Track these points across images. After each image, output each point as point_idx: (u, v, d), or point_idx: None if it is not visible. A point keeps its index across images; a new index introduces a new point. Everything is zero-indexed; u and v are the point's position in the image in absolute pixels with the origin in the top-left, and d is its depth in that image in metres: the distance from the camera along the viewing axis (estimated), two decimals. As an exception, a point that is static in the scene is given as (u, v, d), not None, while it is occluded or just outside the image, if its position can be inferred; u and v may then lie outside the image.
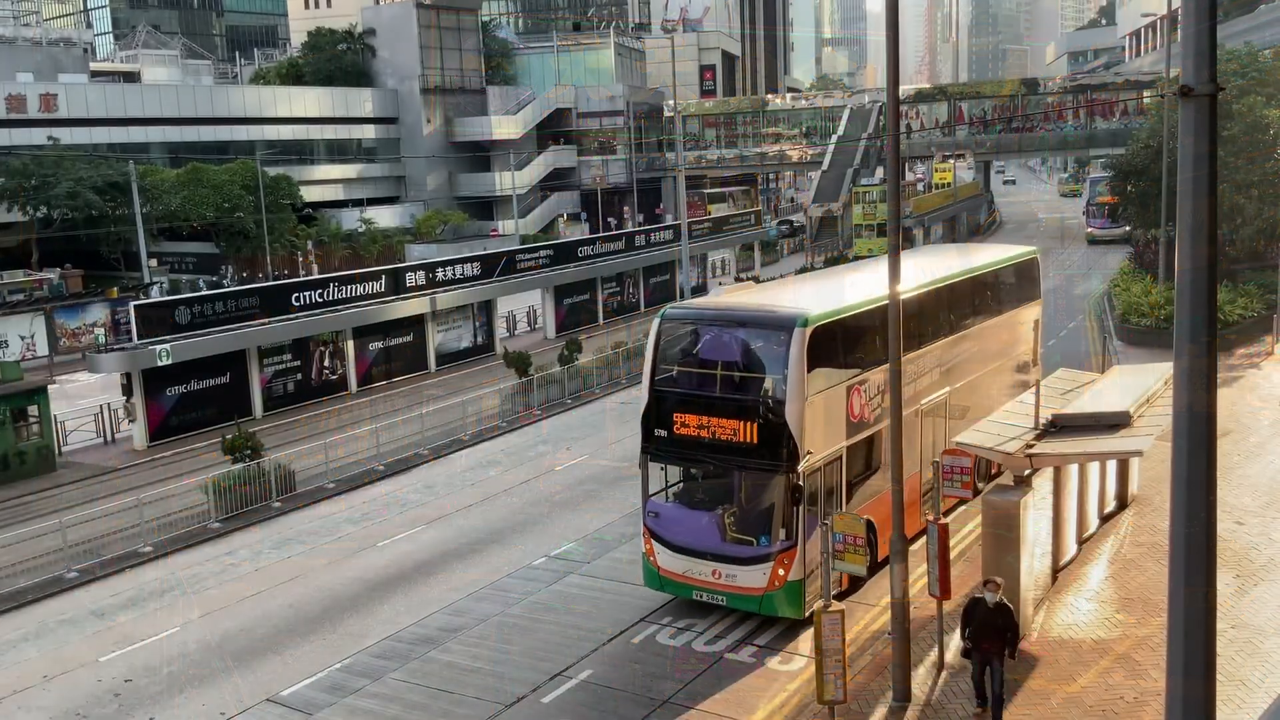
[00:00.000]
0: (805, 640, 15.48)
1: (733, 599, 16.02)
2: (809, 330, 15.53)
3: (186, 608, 18.97)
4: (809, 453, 15.33)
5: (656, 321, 16.95)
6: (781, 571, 15.45)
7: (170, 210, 58.16)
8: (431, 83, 78.80)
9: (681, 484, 17.36)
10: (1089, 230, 68.49)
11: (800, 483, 15.26)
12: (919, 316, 18.70)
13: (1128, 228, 58.68)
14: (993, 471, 20.46)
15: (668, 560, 16.48)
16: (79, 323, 46.04)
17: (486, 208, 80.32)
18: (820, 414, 15.79)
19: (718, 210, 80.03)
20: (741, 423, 15.61)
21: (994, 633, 12.91)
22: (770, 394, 15.61)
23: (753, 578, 15.67)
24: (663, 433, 16.34)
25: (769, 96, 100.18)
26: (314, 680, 15.71)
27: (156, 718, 15.08)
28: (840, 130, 79.59)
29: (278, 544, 22.06)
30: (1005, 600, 13.15)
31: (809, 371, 15.48)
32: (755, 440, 15.51)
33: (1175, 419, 6.28)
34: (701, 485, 17.22)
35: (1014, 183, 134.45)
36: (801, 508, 15.33)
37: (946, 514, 16.98)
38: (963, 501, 19.65)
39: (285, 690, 15.57)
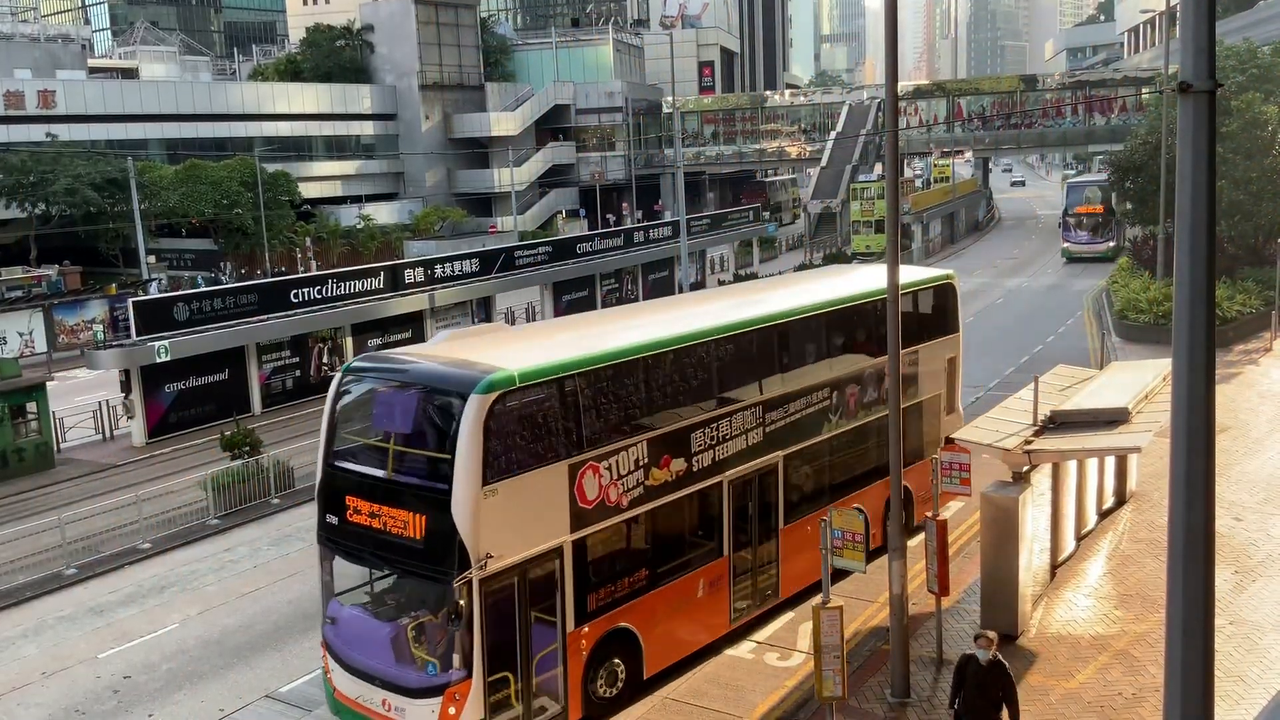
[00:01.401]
0: (804, 637, 15.50)
1: None
2: (493, 398, 12.24)
3: (185, 604, 18.97)
4: (489, 557, 12.05)
5: (338, 375, 14.11)
6: (452, 710, 12.14)
7: (169, 207, 58.11)
8: (430, 79, 78.72)
9: (370, 584, 14.01)
10: (1065, 245, 59.76)
11: (473, 597, 11.95)
12: (731, 360, 15.97)
13: (1112, 243, 56.39)
14: (916, 523, 18.34)
15: (342, 682, 13.31)
16: (77, 319, 45.98)
17: (485, 204, 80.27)
18: (516, 505, 12.49)
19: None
20: (409, 514, 12.51)
21: (989, 697, 11.31)
22: (437, 479, 12.35)
23: (420, 715, 12.44)
24: (333, 518, 13.29)
25: (768, 93, 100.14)
26: (313, 677, 15.70)
27: (155, 714, 15.09)
28: (839, 127, 79.57)
29: (276, 540, 22.06)
30: (1000, 658, 11.46)
31: (494, 450, 12.29)
32: (421, 537, 12.40)
33: (1174, 415, 6.28)
34: (393, 587, 13.86)
35: (1023, 184, 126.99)
36: (477, 629, 12.03)
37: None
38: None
39: (284, 687, 15.59)
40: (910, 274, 19.94)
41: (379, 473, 13.08)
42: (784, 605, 16.73)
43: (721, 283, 51.50)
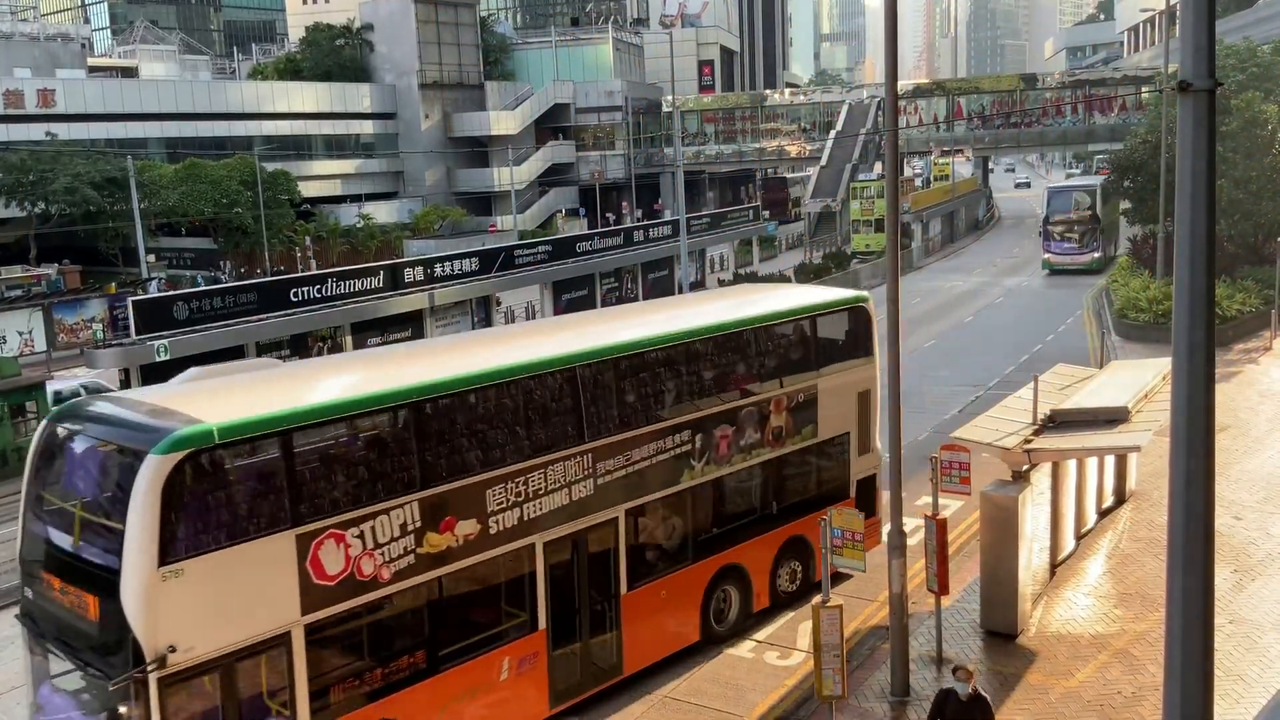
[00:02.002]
0: (804, 636, 15.50)
1: None
2: (177, 458, 10.23)
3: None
4: (171, 650, 10.02)
5: (44, 421, 12.24)
6: None
7: (168, 206, 58.08)
8: (430, 78, 78.69)
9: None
10: (1046, 256, 54.37)
11: (149, 700, 9.90)
12: (548, 401, 13.72)
13: (1097, 253, 52.22)
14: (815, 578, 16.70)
15: None
16: (77, 318, 45.97)
17: (485, 203, 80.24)
18: (218, 585, 10.49)
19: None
20: (86, 595, 10.60)
21: None
22: (110, 554, 10.36)
23: None
24: (29, 591, 11.53)
25: (767, 92, 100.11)
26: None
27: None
28: (838, 126, 79.57)
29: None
30: (981, 690, 11.10)
31: (181, 520, 10.33)
32: (96, 623, 10.49)
33: (1173, 414, 6.29)
34: None
35: (1028, 184, 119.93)
36: None
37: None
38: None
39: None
40: (814, 295, 18.70)
41: (66, 542, 11.06)
42: (632, 681, 14.78)
43: (722, 282, 51.49)
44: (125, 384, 30.37)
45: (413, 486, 12.13)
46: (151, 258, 54.97)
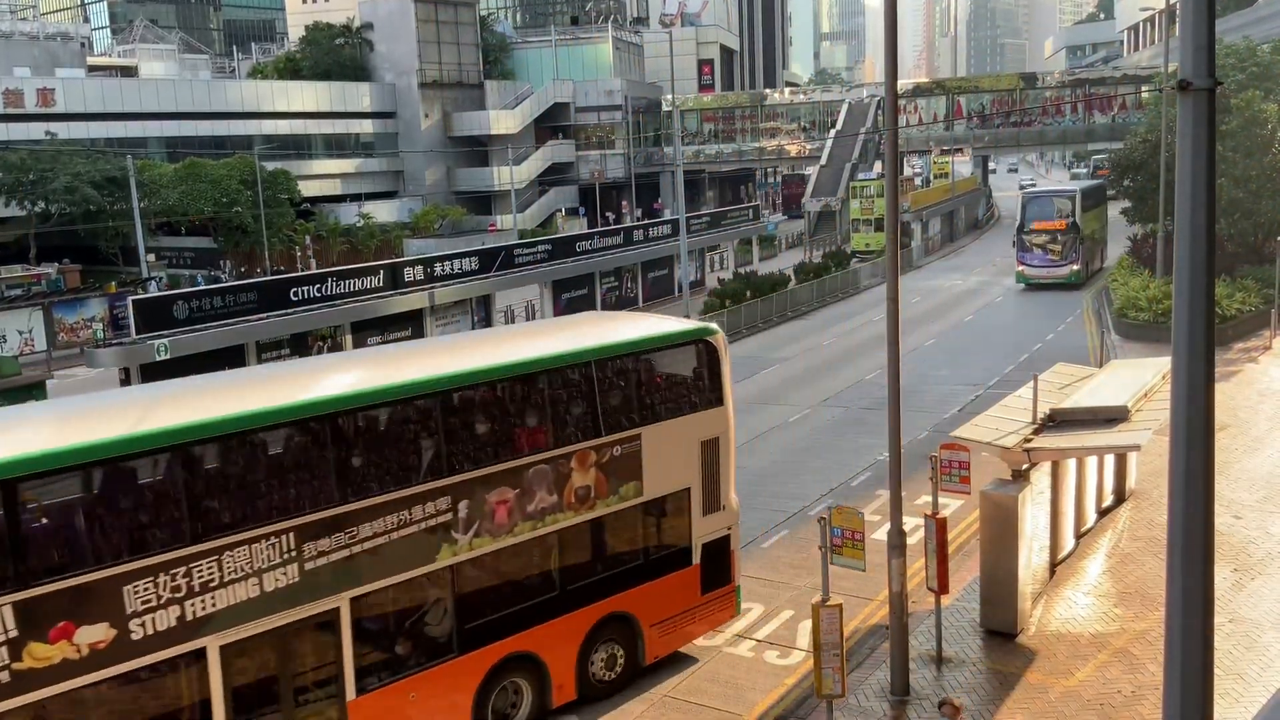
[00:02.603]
0: (804, 635, 15.51)
1: None
2: None
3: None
4: None
5: None
6: None
7: (168, 205, 58.08)
8: (429, 77, 78.69)
9: None
10: (1021, 268, 49.70)
11: None
12: (222, 471, 11.30)
13: (1076, 265, 48.19)
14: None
15: None
16: (77, 318, 45.98)
17: (484, 202, 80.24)
18: None
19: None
20: None
21: None
22: None
23: None
24: None
25: (767, 91, 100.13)
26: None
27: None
28: (838, 125, 79.58)
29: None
30: None
31: None
32: None
33: (1173, 413, 6.29)
34: None
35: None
36: None
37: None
38: None
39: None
40: (648, 327, 15.73)
41: None
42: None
43: (721, 281, 51.47)
44: (125, 383, 30.39)
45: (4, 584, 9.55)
46: (151, 257, 54.98)
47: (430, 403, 12.62)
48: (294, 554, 11.25)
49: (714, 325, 15.94)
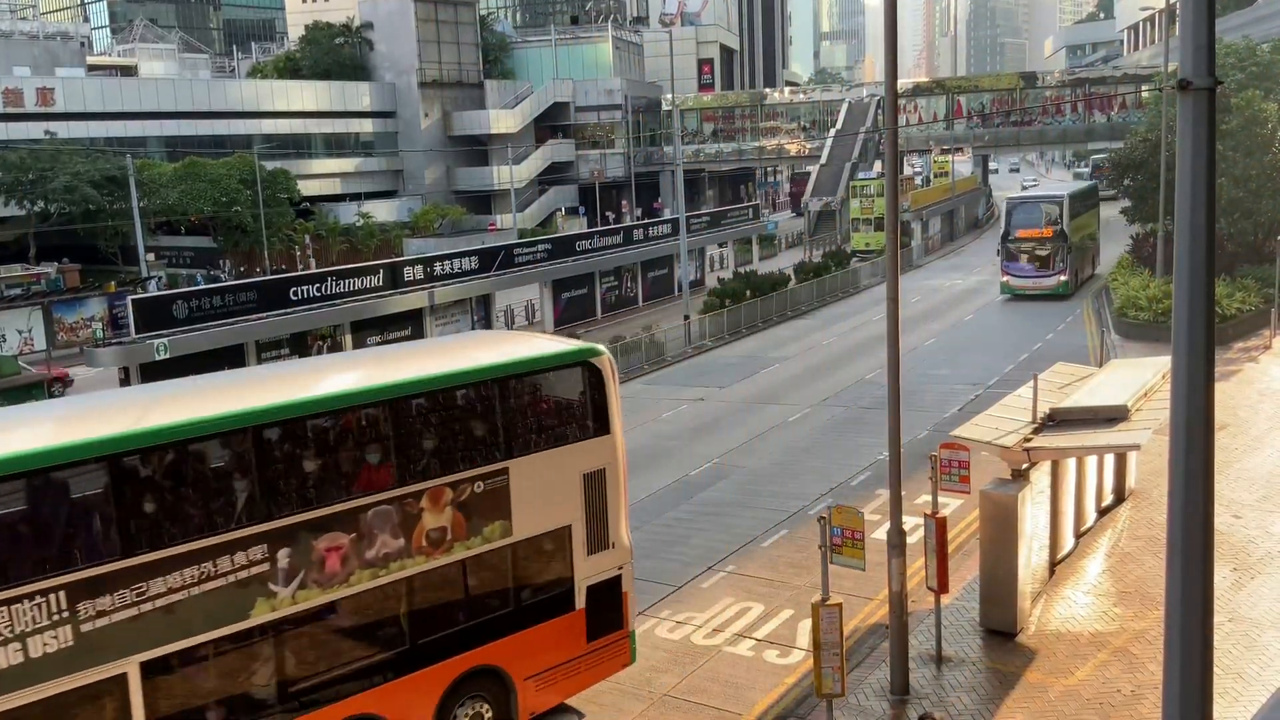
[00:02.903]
0: (803, 634, 15.51)
1: None
2: None
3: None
4: None
5: None
6: None
7: (168, 204, 58.11)
8: (429, 76, 78.71)
9: None
10: (1005, 278, 46.64)
11: None
12: None
13: (1064, 275, 45.33)
14: None
15: None
16: (76, 317, 46.00)
17: (484, 202, 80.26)
18: None
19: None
20: None
21: None
22: None
23: None
24: None
25: (767, 91, 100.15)
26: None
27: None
28: (838, 124, 79.60)
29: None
30: None
31: None
32: None
33: (1173, 412, 6.29)
34: None
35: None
36: None
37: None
38: None
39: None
40: (521, 348, 14.40)
41: None
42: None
43: (721, 280, 51.47)
44: (125, 382, 30.40)
45: None
46: (151, 256, 55.00)
47: (236, 440, 11.23)
48: (63, 614, 9.83)
49: (600, 346, 14.33)
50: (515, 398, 13.31)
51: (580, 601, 13.62)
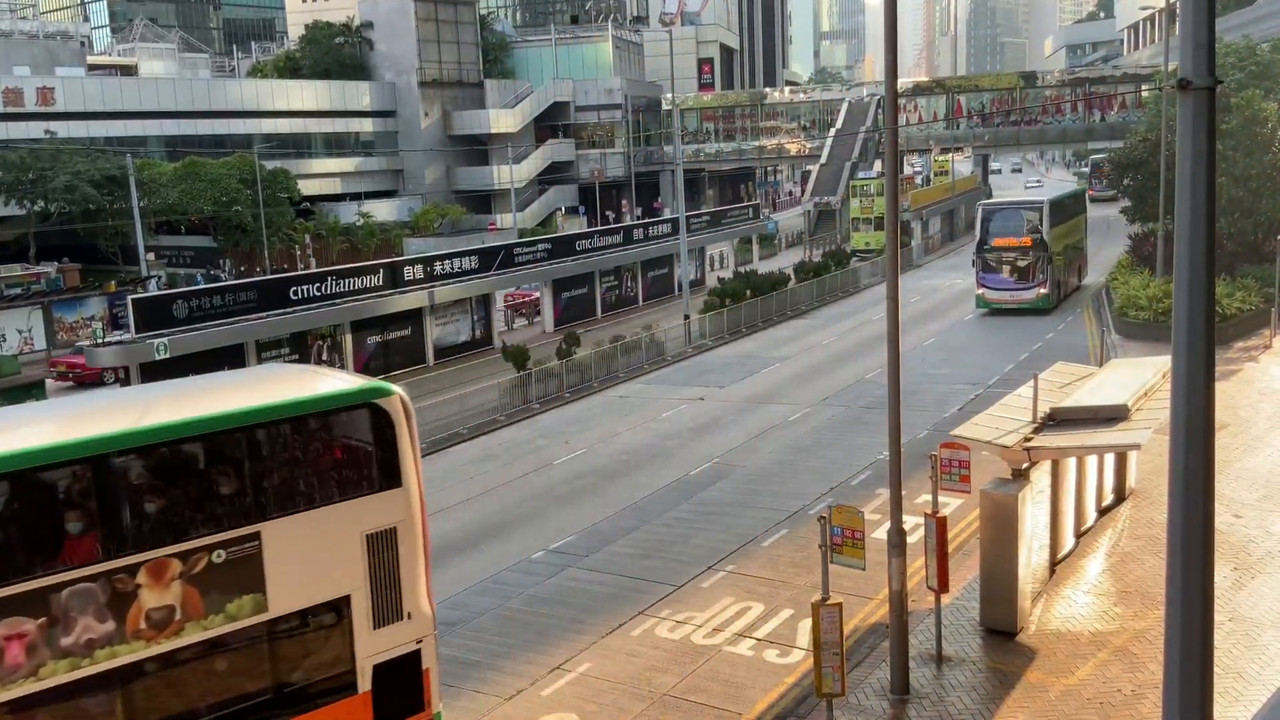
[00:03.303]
0: (803, 633, 15.51)
1: None
2: None
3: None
4: None
5: None
6: None
7: (168, 204, 58.11)
8: (429, 76, 78.71)
9: None
10: (981, 291, 43.32)
11: None
12: None
13: (1043, 288, 42.17)
14: None
15: None
16: (77, 317, 46.00)
17: (484, 201, 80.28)
18: None
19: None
20: None
21: None
22: None
23: None
24: None
25: (767, 90, 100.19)
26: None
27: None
28: (838, 124, 79.62)
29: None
30: None
31: None
32: None
33: (1173, 412, 6.29)
34: None
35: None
36: None
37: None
38: None
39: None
40: (282, 389, 12.34)
41: None
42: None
43: (720, 280, 51.48)
44: (125, 382, 30.41)
45: None
46: (151, 256, 55.01)
47: None
48: None
49: (391, 386, 12.12)
50: (273, 448, 11.38)
51: (365, 683, 11.62)
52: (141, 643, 10.17)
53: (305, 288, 34.69)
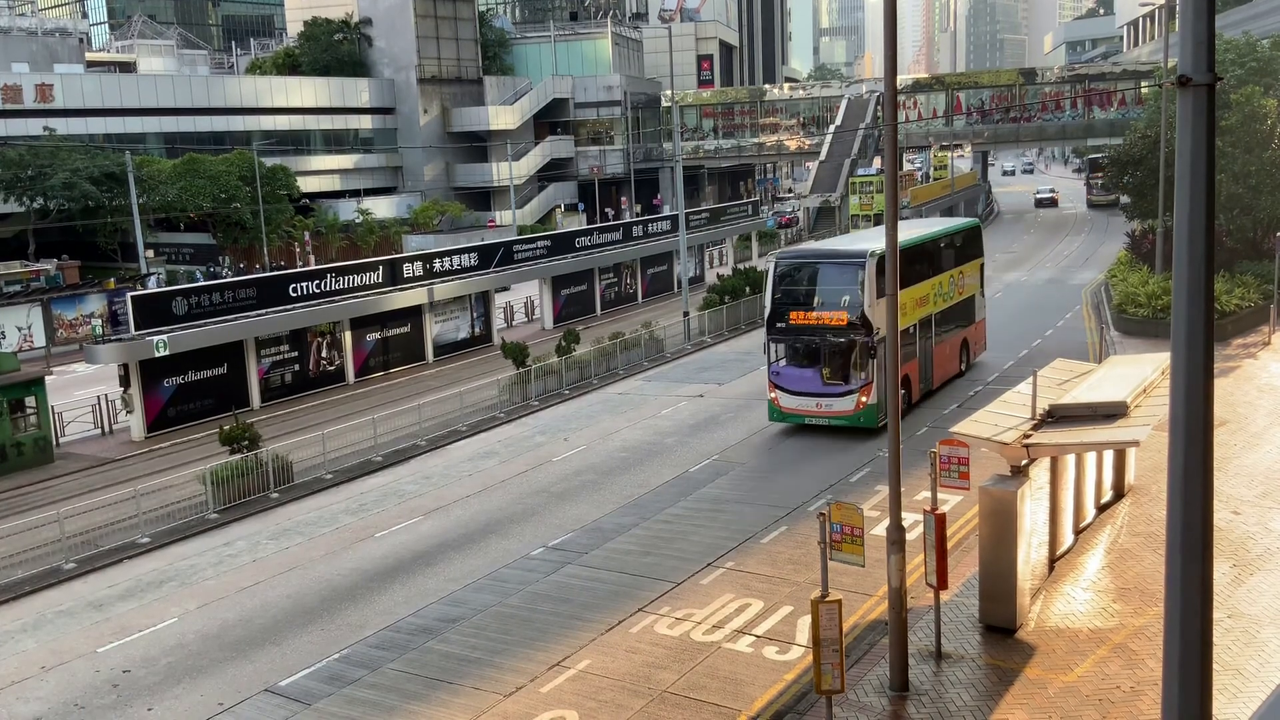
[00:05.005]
0: (803, 630, 15.52)
1: None
2: None
3: (184, 599, 18.97)
4: None
5: None
6: None
7: (167, 201, 58.12)
8: (428, 72, 78.66)
9: None
10: (774, 395, 27.16)
11: None
12: None
13: (865, 397, 24.57)
14: None
15: None
16: (76, 314, 45.97)
17: (484, 198, 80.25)
18: None
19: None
20: None
21: None
22: None
23: None
24: None
25: (766, 87, 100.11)
26: (312, 670, 15.73)
27: (155, 708, 15.10)
28: (838, 120, 79.57)
29: (275, 535, 22.07)
30: None
31: None
32: None
33: (1172, 409, 6.29)
34: None
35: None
36: None
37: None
38: None
39: (284, 680, 15.59)
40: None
41: None
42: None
43: (720, 277, 51.44)
44: (125, 380, 30.40)
45: None
46: (150, 253, 55.01)
47: None
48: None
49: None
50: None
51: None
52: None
53: (305, 285, 34.68)
